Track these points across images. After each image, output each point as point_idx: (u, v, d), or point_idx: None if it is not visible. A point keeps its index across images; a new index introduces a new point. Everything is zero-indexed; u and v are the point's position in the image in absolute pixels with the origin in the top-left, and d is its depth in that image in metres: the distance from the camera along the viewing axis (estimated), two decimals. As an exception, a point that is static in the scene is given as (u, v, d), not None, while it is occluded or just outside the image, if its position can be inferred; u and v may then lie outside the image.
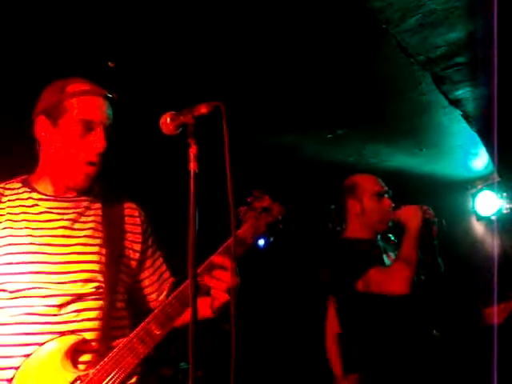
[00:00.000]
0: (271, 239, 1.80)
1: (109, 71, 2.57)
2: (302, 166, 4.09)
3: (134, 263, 1.67)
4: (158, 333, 1.49)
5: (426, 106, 3.55)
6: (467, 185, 4.96)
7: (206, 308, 1.57)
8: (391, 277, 2.36)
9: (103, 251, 1.58)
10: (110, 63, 2.68)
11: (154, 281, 1.76)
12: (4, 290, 1.47)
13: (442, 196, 4.92)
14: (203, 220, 1.24)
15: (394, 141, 4.04)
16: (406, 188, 4.74)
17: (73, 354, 1.43)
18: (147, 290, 1.75)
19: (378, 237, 2.67)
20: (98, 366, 1.44)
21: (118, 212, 1.69)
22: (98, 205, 1.67)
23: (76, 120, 1.54)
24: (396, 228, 2.65)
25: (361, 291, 2.41)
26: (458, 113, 3.55)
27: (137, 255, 1.69)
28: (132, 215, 1.73)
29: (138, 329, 1.50)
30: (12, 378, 1.39)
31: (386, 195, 2.65)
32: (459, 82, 3.01)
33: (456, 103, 3.29)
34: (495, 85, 2.75)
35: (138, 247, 1.70)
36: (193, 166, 1.21)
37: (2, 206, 1.56)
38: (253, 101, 3.23)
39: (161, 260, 1.81)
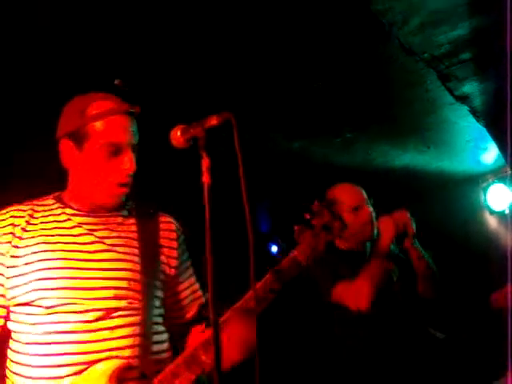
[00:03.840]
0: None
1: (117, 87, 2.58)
2: (311, 170, 4.09)
3: (169, 279, 1.62)
4: (204, 359, 1.42)
5: (432, 104, 3.54)
6: (478, 179, 4.94)
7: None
8: (352, 292, 2.39)
9: (137, 267, 1.53)
10: (116, 81, 2.69)
11: (185, 297, 1.70)
12: (40, 306, 1.43)
13: (453, 192, 4.91)
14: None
15: (401, 140, 4.03)
16: (416, 186, 4.75)
17: (117, 375, 1.38)
18: (176, 306, 1.69)
19: (367, 244, 2.67)
20: None
21: (154, 226, 1.63)
22: (131, 220, 1.63)
23: (101, 144, 1.50)
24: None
25: (330, 301, 2.46)
26: (465, 108, 3.53)
27: (172, 271, 1.64)
28: (168, 229, 1.67)
29: (185, 353, 1.45)
30: None
31: (365, 205, 2.64)
32: (465, 78, 3.00)
33: (463, 99, 3.27)
34: (508, 77, 2.70)
35: (173, 262, 1.64)
36: (206, 179, 1.18)
37: (35, 221, 1.54)
38: (260, 107, 3.23)
39: (194, 278, 1.74)
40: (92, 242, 1.53)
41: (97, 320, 1.43)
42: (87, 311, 1.43)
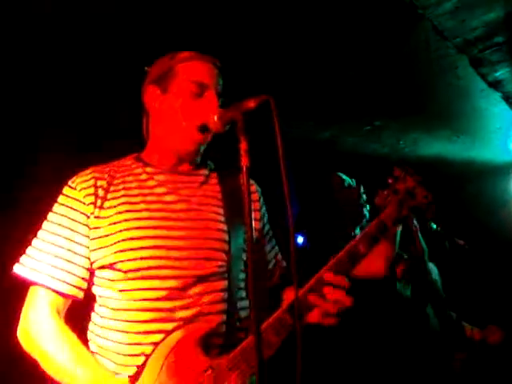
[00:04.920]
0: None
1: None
2: (340, 159, 4.09)
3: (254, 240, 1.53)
4: (291, 323, 1.37)
5: (462, 91, 3.50)
6: (509, 169, 4.87)
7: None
8: (372, 258, 2.49)
9: (224, 227, 1.50)
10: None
11: (269, 261, 1.66)
12: (123, 270, 1.40)
13: (483, 181, 4.85)
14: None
15: (431, 128, 3.99)
16: (446, 175, 4.70)
17: (204, 341, 1.35)
18: (261, 270, 1.64)
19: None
20: (230, 356, 1.35)
21: (235, 187, 1.57)
22: (214, 180, 1.60)
23: (188, 81, 1.50)
24: None
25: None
26: (496, 95, 3.48)
27: (256, 233, 1.59)
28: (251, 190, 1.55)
29: (270, 319, 1.38)
30: (143, 365, 1.34)
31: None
32: (498, 63, 2.96)
33: (495, 85, 3.23)
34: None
35: (257, 224, 1.61)
36: (244, 162, 1.16)
37: (116, 181, 1.51)
38: (289, 96, 3.24)
39: (274, 240, 1.71)
40: (177, 201, 1.49)
41: (185, 287, 1.39)
42: (175, 277, 1.39)
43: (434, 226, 3.12)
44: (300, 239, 5.73)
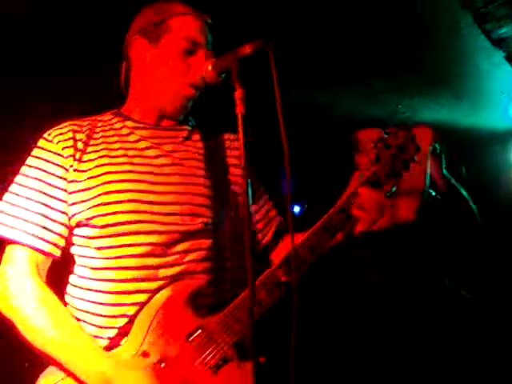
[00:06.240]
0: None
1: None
2: (336, 124, 3.98)
3: (240, 198, 1.48)
4: (285, 280, 1.34)
5: (465, 51, 3.40)
6: (509, 136, 4.76)
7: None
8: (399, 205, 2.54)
9: (208, 183, 1.45)
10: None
11: (259, 219, 1.60)
12: (100, 226, 1.34)
13: (483, 148, 4.76)
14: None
15: (431, 91, 3.89)
16: (446, 142, 4.60)
17: (192, 300, 1.32)
18: (252, 229, 1.57)
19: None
20: (220, 315, 1.32)
21: (219, 144, 1.55)
22: (196, 136, 1.55)
23: (180, 38, 1.45)
24: None
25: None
26: (500, 55, 3.37)
27: (242, 190, 1.53)
28: (233, 147, 1.56)
29: (262, 276, 1.34)
30: (126, 327, 1.30)
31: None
32: (503, 18, 2.85)
33: (499, 43, 3.12)
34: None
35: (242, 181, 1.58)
36: (240, 110, 1.12)
37: (96, 136, 1.46)
38: (284, 58, 3.11)
39: (266, 196, 1.65)
40: (159, 156, 1.44)
41: (169, 243, 1.35)
42: (158, 233, 1.34)
43: (433, 193, 3.04)
44: (296, 209, 5.67)
